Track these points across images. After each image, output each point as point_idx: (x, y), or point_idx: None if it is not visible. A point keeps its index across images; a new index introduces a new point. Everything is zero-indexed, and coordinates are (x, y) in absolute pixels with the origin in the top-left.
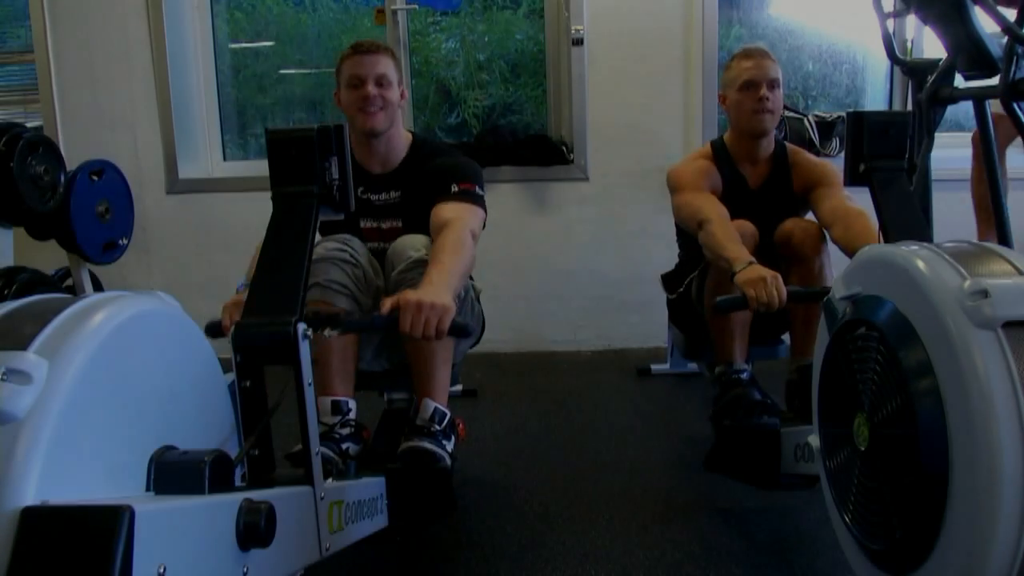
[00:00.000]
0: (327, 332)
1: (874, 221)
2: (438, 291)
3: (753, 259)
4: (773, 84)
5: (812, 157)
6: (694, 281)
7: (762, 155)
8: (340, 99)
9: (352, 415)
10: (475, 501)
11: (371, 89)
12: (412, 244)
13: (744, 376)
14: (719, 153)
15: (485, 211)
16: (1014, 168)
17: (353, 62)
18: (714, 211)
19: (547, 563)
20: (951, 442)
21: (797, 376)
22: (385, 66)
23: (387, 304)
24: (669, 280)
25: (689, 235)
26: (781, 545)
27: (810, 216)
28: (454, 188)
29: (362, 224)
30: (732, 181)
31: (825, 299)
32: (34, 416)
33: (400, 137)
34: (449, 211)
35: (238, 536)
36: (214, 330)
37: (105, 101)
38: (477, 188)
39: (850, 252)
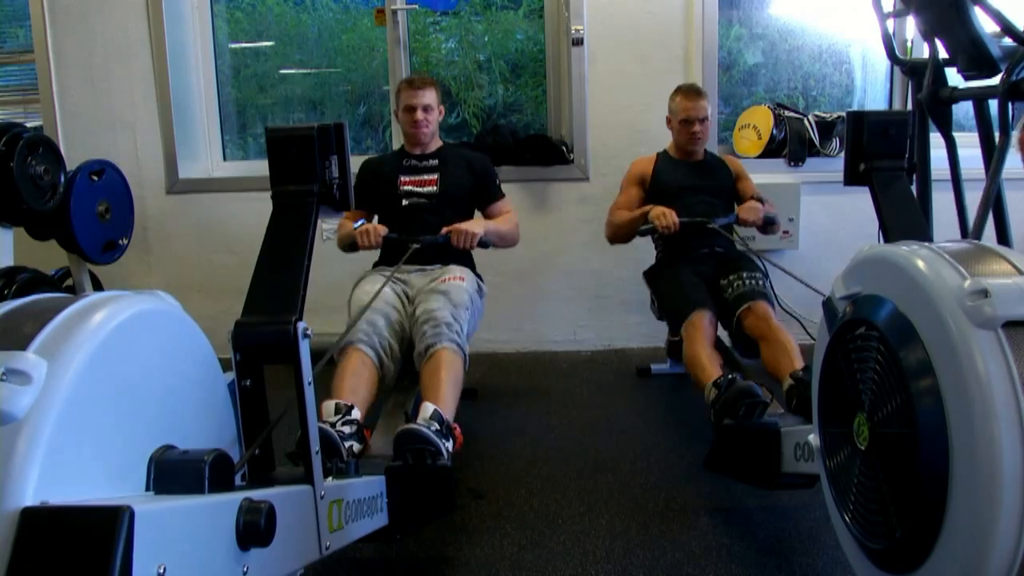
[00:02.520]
0: (411, 245)
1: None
2: (475, 225)
3: (657, 205)
4: (704, 120)
5: (730, 157)
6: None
7: (697, 155)
8: (398, 116)
9: (352, 409)
10: (475, 501)
11: (420, 115)
12: (439, 314)
13: (738, 377)
14: (661, 155)
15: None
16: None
17: (407, 94)
18: (617, 207)
19: (547, 563)
20: (951, 442)
21: (793, 381)
22: (430, 98)
23: (444, 229)
24: (655, 288)
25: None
26: (781, 545)
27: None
28: (497, 181)
29: (401, 178)
30: (673, 163)
31: (825, 299)
32: (33, 416)
33: (436, 139)
34: (503, 208)
35: (238, 535)
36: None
37: (105, 101)
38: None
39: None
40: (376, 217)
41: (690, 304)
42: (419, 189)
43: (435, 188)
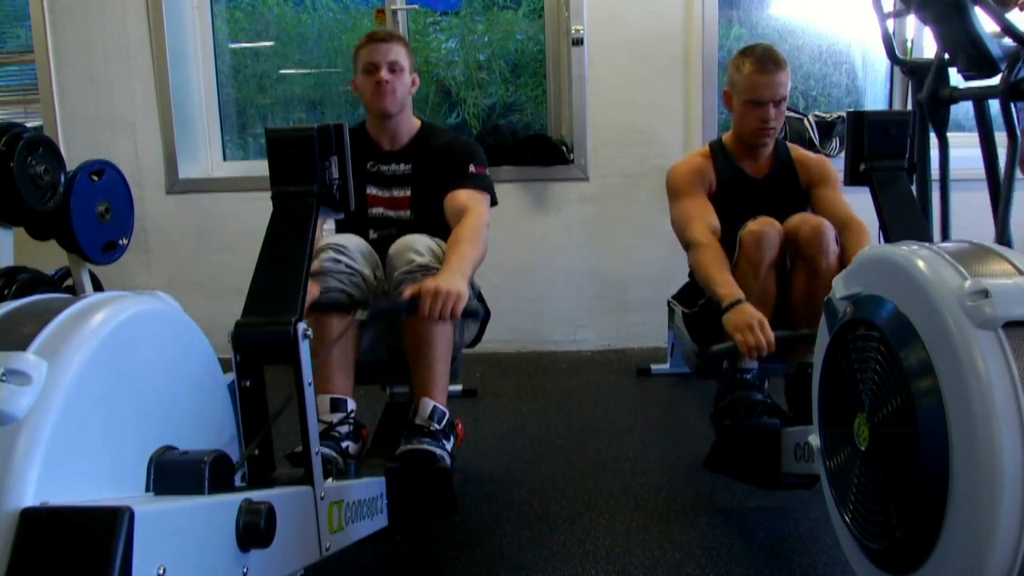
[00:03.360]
0: (358, 314)
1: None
2: (454, 278)
3: (743, 297)
4: (780, 102)
5: (811, 154)
6: None
7: (763, 153)
8: (356, 84)
9: (351, 413)
10: (475, 501)
11: (384, 74)
12: (414, 247)
13: (750, 376)
14: (717, 152)
15: (495, 195)
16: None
17: (369, 49)
18: (704, 232)
19: (547, 563)
20: (951, 442)
21: (796, 371)
22: (397, 53)
23: (408, 291)
24: (683, 297)
25: None
26: (781, 545)
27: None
28: (471, 169)
29: (369, 191)
30: (734, 176)
31: (826, 299)
32: (33, 417)
33: (410, 120)
34: (465, 198)
35: (238, 536)
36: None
37: (105, 101)
38: (487, 171)
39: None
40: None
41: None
42: (390, 213)
43: (407, 213)
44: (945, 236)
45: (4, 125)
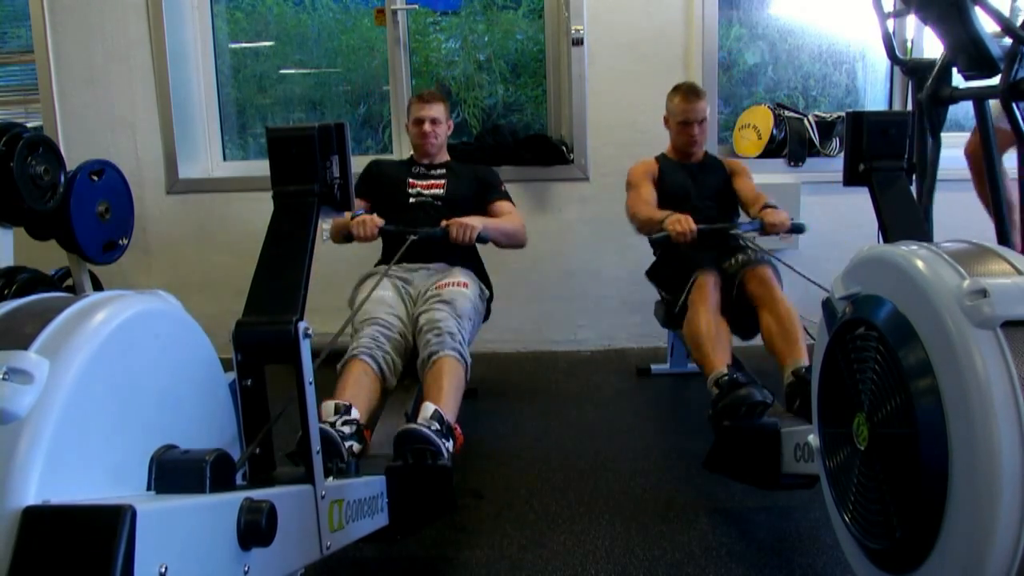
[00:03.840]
0: (409, 237)
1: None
2: (473, 220)
3: (673, 212)
4: (702, 121)
5: (728, 157)
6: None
7: (694, 158)
8: (408, 128)
9: (356, 419)
10: (475, 501)
11: (428, 127)
12: (436, 327)
13: (740, 377)
14: (661, 158)
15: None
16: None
17: (418, 107)
18: (642, 202)
19: (547, 563)
20: (951, 442)
21: (794, 378)
22: (438, 111)
23: (443, 223)
24: (657, 277)
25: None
26: (781, 545)
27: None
28: (503, 188)
29: (410, 180)
30: (674, 166)
31: (825, 299)
32: (35, 415)
33: (444, 152)
34: (508, 208)
35: (239, 535)
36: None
37: (105, 101)
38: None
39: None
40: (375, 214)
41: (695, 266)
42: (426, 191)
43: (442, 191)
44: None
45: (4, 125)
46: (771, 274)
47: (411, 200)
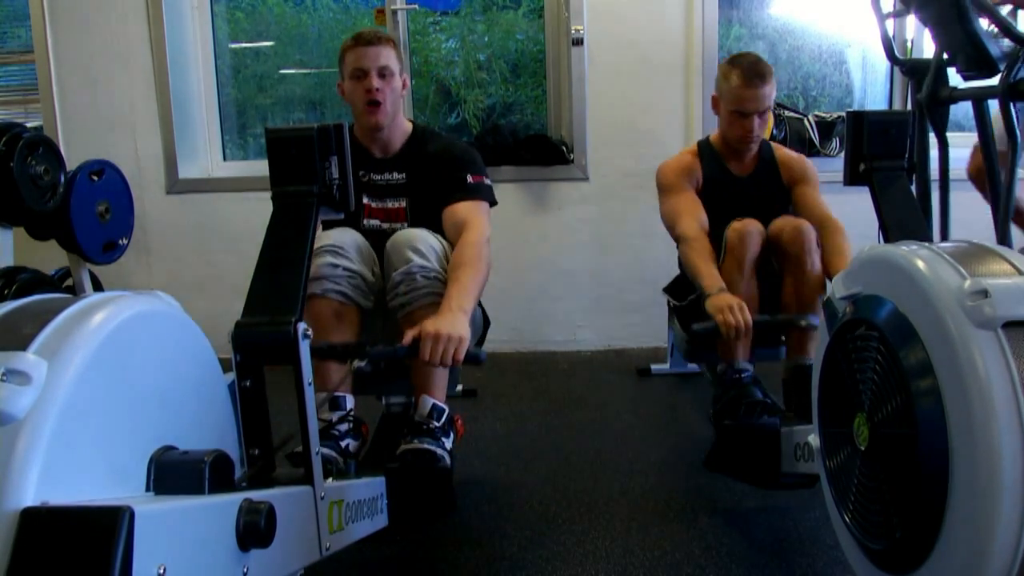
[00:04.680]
0: (355, 364)
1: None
2: (455, 320)
3: (724, 286)
4: (764, 113)
5: (793, 153)
6: None
7: (748, 154)
8: (344, 89)
9: (351, 412)
10: (475, 501)
11: (375, 82)
12: (413, 245)
13: (745, 376)
14: (704, 152)
15: (494, 200)
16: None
17: (356, 54)
18: (692, 227)
19: (547, 563)
20: (951, 442)
21: (791, 376)
22: (387, 57)
23: (409, 335)
24: (674, 289)
25: None
26: (781, 545)
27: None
28: (468, 180)
29: (365, 201)
30: (718, 174)
31: (825, 299)
32: (34, 417)
33: (402, 124)
34: (465, 212)
35: (238, 536)
36: None
37: (105, 101)
38: (485, 179)
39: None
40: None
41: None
42: (386, 226)
43: (405, 225)
44: (945, 237)
45: (4, 125)
46: (810, 232)
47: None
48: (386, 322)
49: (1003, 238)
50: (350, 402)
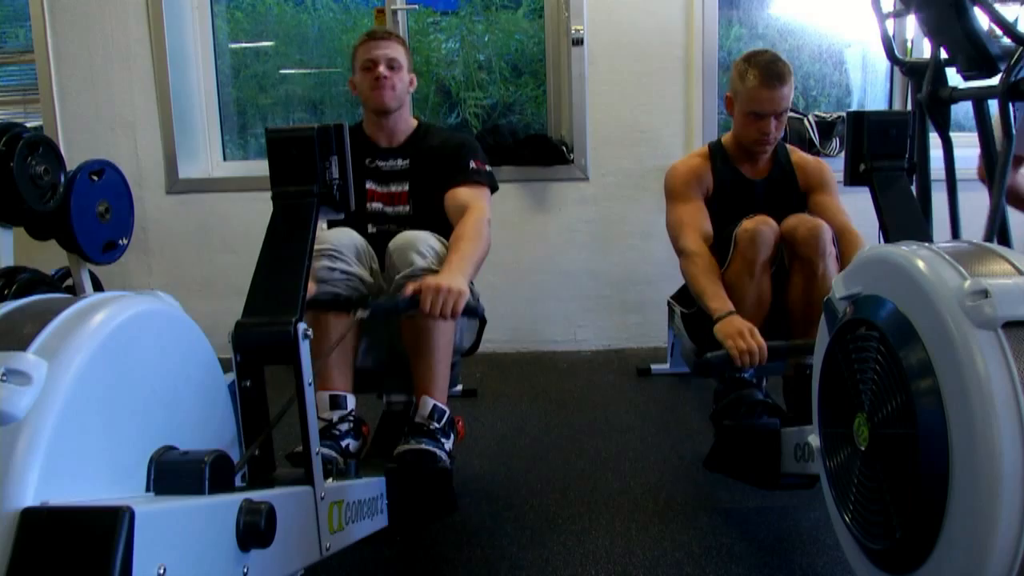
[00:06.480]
0: (358, 313)
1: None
2: (455, 277)
3: (732, 308)
4: (781, 114)
5: (810, 157)
6: None
7: (762, 157)
8: (354, 84)
9: (351, 410)
10: (475, 501)
11: (383, 70)
12: (415, 247)
13: (748, 375)
14: (716, 154)
15: (496, 185)
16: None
17: (367, 47)
18: (695, 241)
19: (547, 563)
20: (951, 442)
21: (793, 373)
22: (396, 51)
23: (410, 288)
24: (682, 298)
25: None
26: (781, 545)
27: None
28: (472, 165)
29: (369, 186)
30: (730, 177)
31: (825, 299)
32: (34, 417)
33: (407, 119)
34: (467, 195)
35: (238, 536)
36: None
37: (105, 101)
38: (486, 166)
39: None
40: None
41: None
42: (388, 210)
43: (407, 208)
44: (955, 236)
45: (4, 125)
46: (827, 234)
47: (370, 229)
48: (386, 325)
49: (1002, 237)
50: (351, 402)
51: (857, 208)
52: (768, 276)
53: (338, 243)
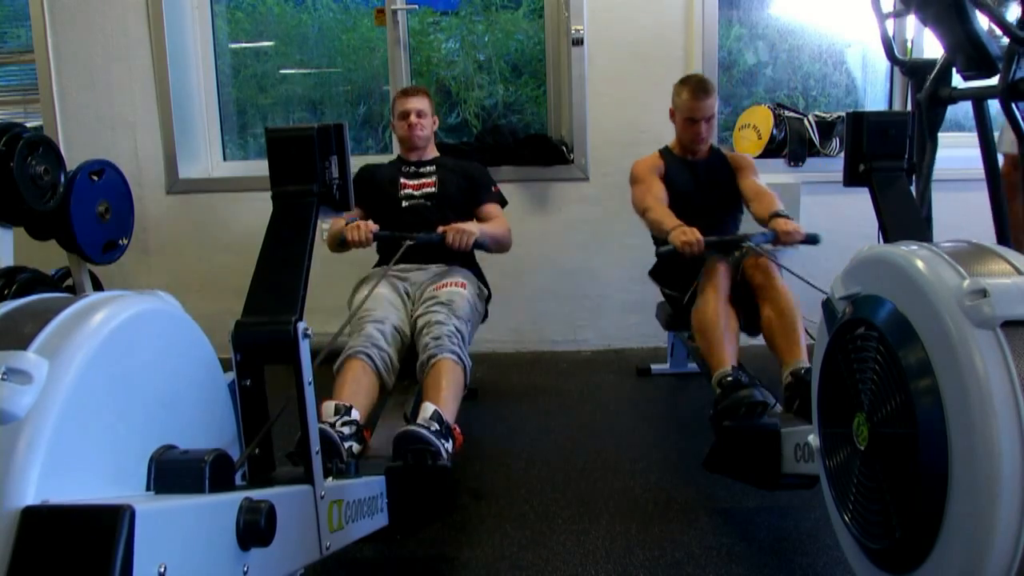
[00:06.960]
0: (406, 241)
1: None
2: (471, 225)
3: (680, 223)
4: (709, 119)
5: (736, 152)
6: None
7: (699, 154)
8: (394, 126)
9: (354, 418)
10: (475, 501)
11: (413, 119)
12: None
13: (744, 378)
14: (665, 153)
15: (506, 202)
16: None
17: (401, 101)
18: (653, 199)
19: (547, 563)
20: (950, 441)
21: (792, 380)
22: (423, 103)
23: (441, 229)
24: (657, 272)
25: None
26: (781, 545)
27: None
28: (492, 189)
29: (403, 181)
30: (679, 164)
31: (825, 299)
32: (34, 416)
33: (432, 147)
34: (493, 210)
35: (238, 535)
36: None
37: (105, 101)
38: (498, 189)
39: (762, 220)
40: (370, 219)
41: (702, 258)
42: (418, 192)
43: (434, 189)
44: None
45: (4, 125)
46: (771, 265)
47: (403, 204)
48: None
49: (1002, 238)
50: (355, 414)
51: (857, 208)
52: (730, 304)
53: (384, 315)
